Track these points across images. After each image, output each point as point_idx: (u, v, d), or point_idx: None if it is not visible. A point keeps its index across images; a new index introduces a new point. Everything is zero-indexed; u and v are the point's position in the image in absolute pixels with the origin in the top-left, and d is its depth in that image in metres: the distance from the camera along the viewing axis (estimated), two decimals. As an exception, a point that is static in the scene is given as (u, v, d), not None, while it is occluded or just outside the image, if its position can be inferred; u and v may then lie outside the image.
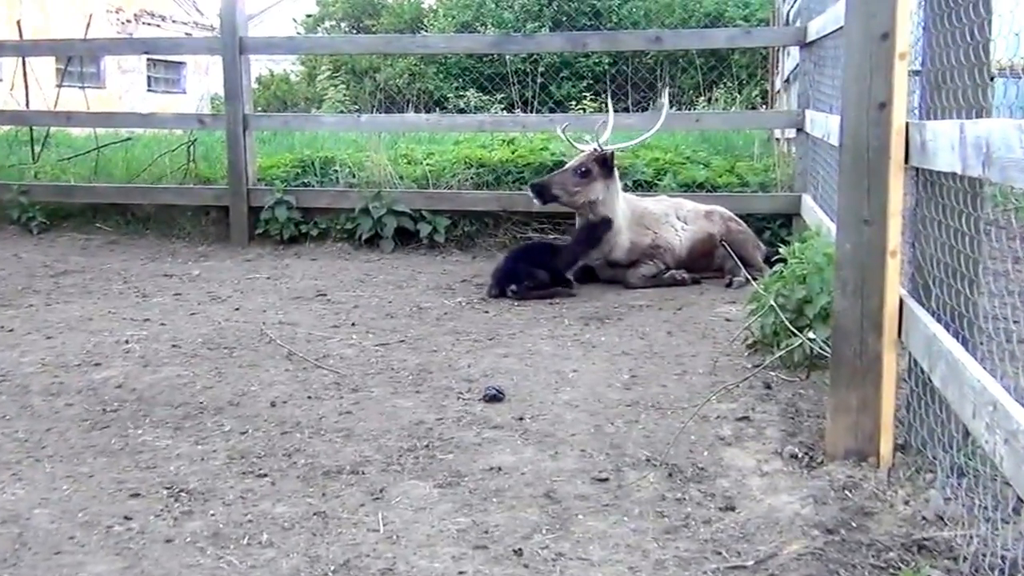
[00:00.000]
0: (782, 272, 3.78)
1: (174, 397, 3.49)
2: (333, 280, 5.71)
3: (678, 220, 5.65)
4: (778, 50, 9.49)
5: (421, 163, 7.13)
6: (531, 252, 5.41)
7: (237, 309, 4.93)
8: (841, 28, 2.82)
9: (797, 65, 6.58)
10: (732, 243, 5.59)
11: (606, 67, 16.92)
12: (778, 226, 6.30)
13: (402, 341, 4.28)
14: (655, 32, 8.61)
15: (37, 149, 8.17)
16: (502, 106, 14.53)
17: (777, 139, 8.29)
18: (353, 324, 4.60)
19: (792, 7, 7.57)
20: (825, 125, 4.87)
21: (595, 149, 5.38)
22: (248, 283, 5.63)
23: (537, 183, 5.44)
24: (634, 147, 5.97)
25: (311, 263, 6.29)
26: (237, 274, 5.90)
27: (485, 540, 2.36)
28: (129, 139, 8.53)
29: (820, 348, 3.33)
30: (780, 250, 3.98)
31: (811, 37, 5.91)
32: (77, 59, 11.13)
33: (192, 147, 7.50)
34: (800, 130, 6.29)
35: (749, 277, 4.98)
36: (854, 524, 2.37)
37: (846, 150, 2.67)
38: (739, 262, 5.44)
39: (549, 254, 5.36)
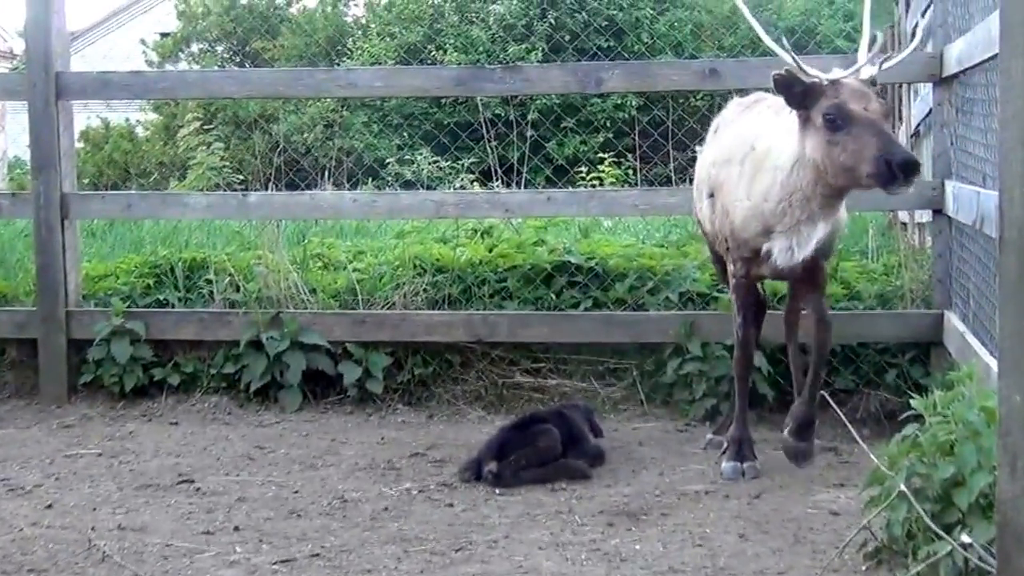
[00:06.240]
0: (916, 437, 3.82)
1: (-53, 653, 3.46)
2: (205, 457, 5.72)
3: None
4: (899, 87, 9.72)
5: (345, 268, 7.22)
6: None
7: (50, 506, 4.91)
8: (995, 57, 2.92)
9: (930, 111, 6.67)
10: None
11: (633, 113, 17.29)
12: (909, 361, 6.34)
13: (316, 555, 4.27)
14: (709, 62, 8.80)
15: None
16: (472, 176, 14.70)
17: (903, 225, 8.41)
18: (237, 528, 4.60)
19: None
20: (976, 205, 4.94)
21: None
22: (68, 463, 5.62)
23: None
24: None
25: (169, 430, 6.30)
26: (50, 448, 5.90)
27: None
28: None
29: (979, 559, 3.34)
30: (912, 402, 4.02)
31: (951, 69, 6.00)
32: None
33: (-20, 246, 7.59)
34: (938, 212, 6.37)
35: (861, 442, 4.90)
36: None
37: (1009, 247, 2.74)
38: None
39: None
